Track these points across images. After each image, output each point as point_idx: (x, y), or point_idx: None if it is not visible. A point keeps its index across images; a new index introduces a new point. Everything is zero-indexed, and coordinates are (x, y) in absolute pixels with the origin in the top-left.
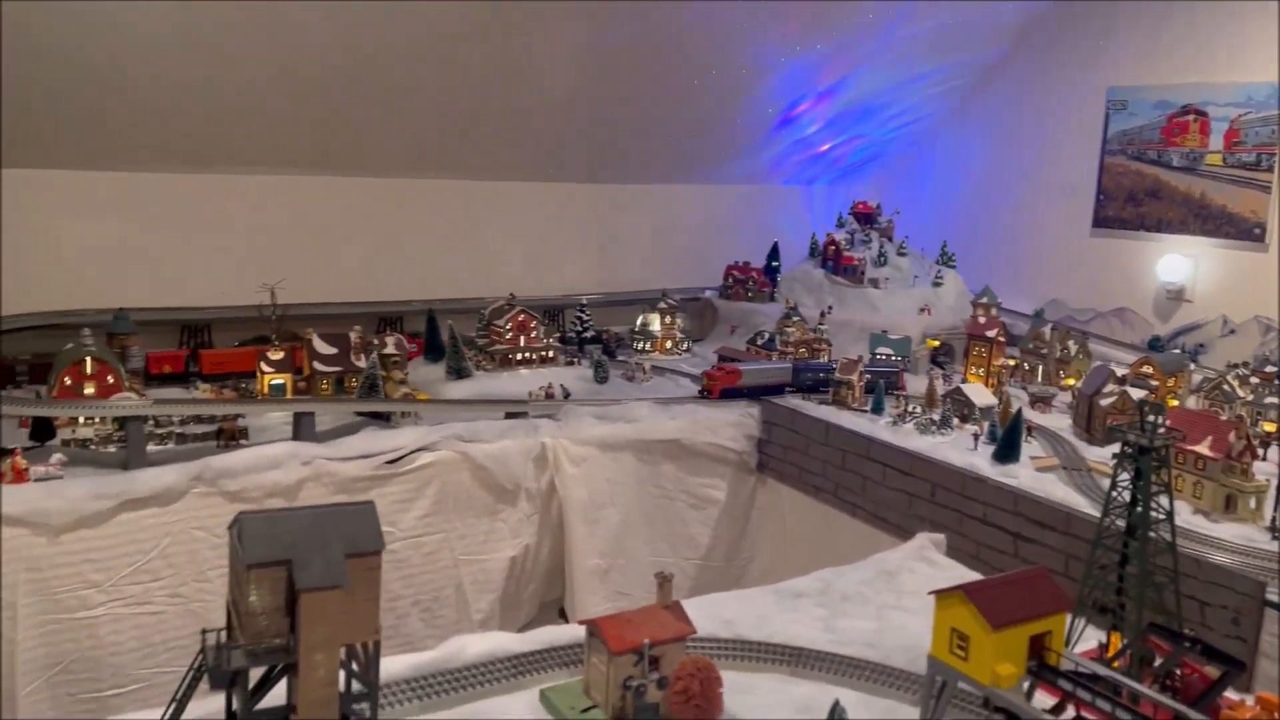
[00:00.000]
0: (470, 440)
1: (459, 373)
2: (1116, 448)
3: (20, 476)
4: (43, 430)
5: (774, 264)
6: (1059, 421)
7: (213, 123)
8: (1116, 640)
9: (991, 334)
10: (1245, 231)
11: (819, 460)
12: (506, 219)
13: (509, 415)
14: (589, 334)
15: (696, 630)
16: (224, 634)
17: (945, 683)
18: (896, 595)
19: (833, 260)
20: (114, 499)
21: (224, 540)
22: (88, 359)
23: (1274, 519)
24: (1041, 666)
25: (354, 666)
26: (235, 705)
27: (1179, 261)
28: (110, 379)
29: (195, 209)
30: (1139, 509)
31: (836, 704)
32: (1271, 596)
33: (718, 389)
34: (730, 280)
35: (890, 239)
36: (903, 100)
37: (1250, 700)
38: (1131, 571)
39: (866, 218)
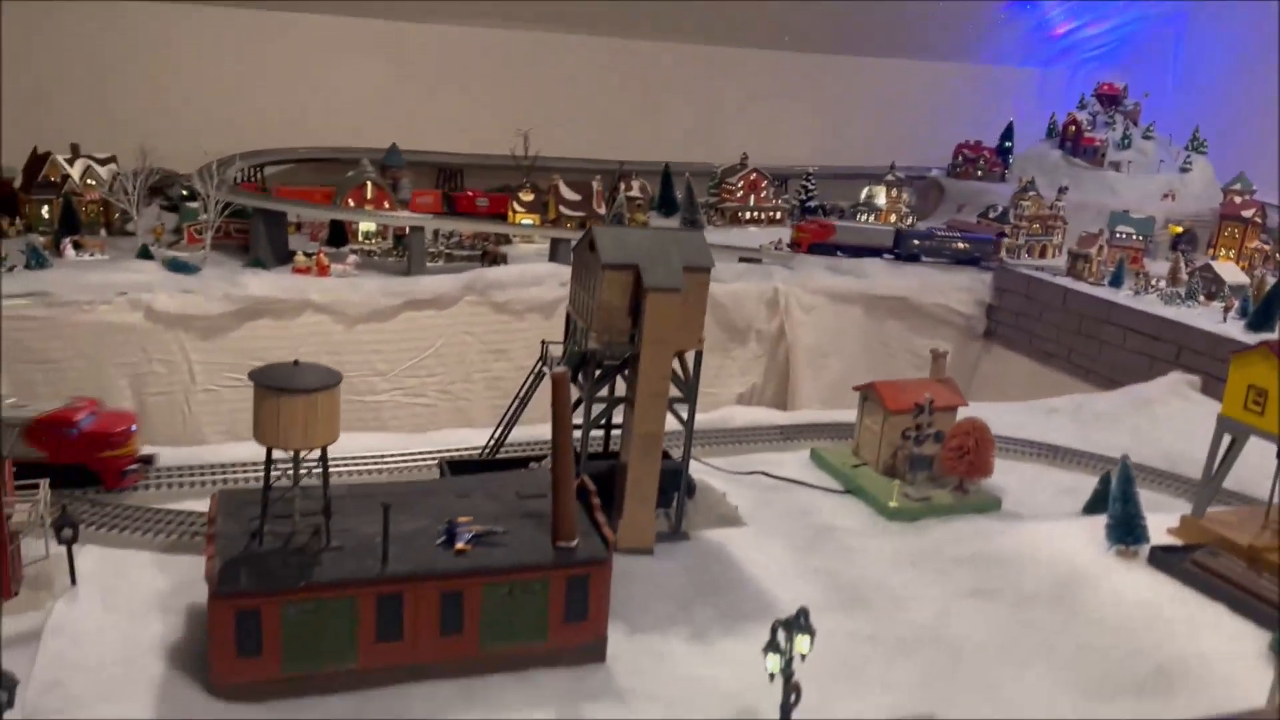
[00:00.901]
0: (711, 278)
1: (693, 224)
2: None
3: (324, 271)
4: (337, 238)
5: (1007, 144)
6: None
7: None
8: None
9: (1248, 214)
10: None
11: (1053, 326)
12: (742, 86)
13: (743, 260)
14: (813, 203)
15: (968, 403)
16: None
17: (1235, 440)
18: (1151, 420)
19: (1072, 141)
20: (400, 297)
21: (488, 345)
22: (368, 183)
23: None
24: None
25: (679, 373)
26: (581, 392)
27: None
28: (387, 204)
29: (455, 60)
30: None
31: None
32: None
33: (806, 243)
34: (960, 159)
35: (1136, 122)
36: None
37: None
38: None
39: (1111, 99)
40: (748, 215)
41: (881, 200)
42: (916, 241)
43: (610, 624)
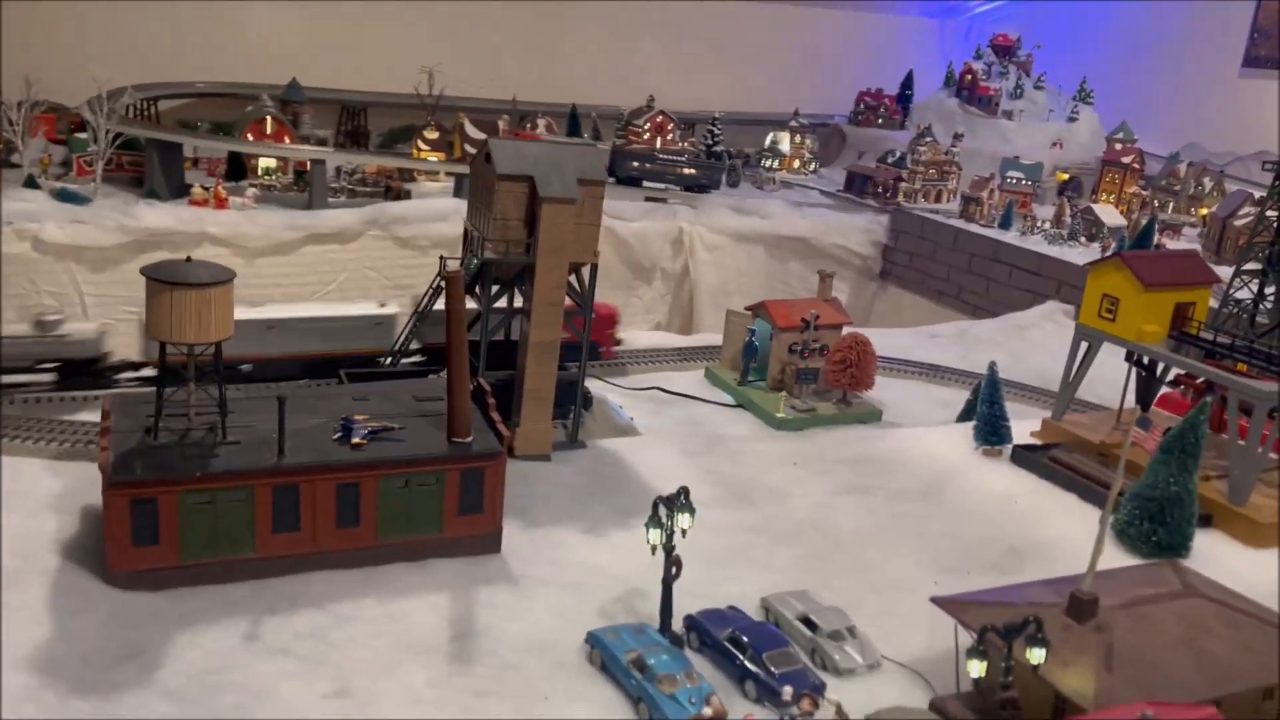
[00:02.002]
0: (615, 217)
1: None
2: None
3: (222, 204)
4: (235, 173)
5: (907, 92)
6: (1189, 248)
7: None
8: None
9: (1127, 160)
10: None
11: (945, 265)
12: (651, 30)
13: (648, 199)
14: (719, 148)
15: (853, 321)
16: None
17: (1090, 346)
18: (1026, 343)
19: (968, 90)
20: (301, 231)
21: (392, 281)
22: (268, 118)
23: None
24: (1183, 334)
25: (575, 286)
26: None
27: None
28: (287, 139)
29: None
30: None
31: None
32: None
33: None
34: (862, 106)
35: (1028, 73)
36: None
37: None
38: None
39: (1005, 50)
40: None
41: (786, 146)
42: (635, 164)
43: (507, 520)
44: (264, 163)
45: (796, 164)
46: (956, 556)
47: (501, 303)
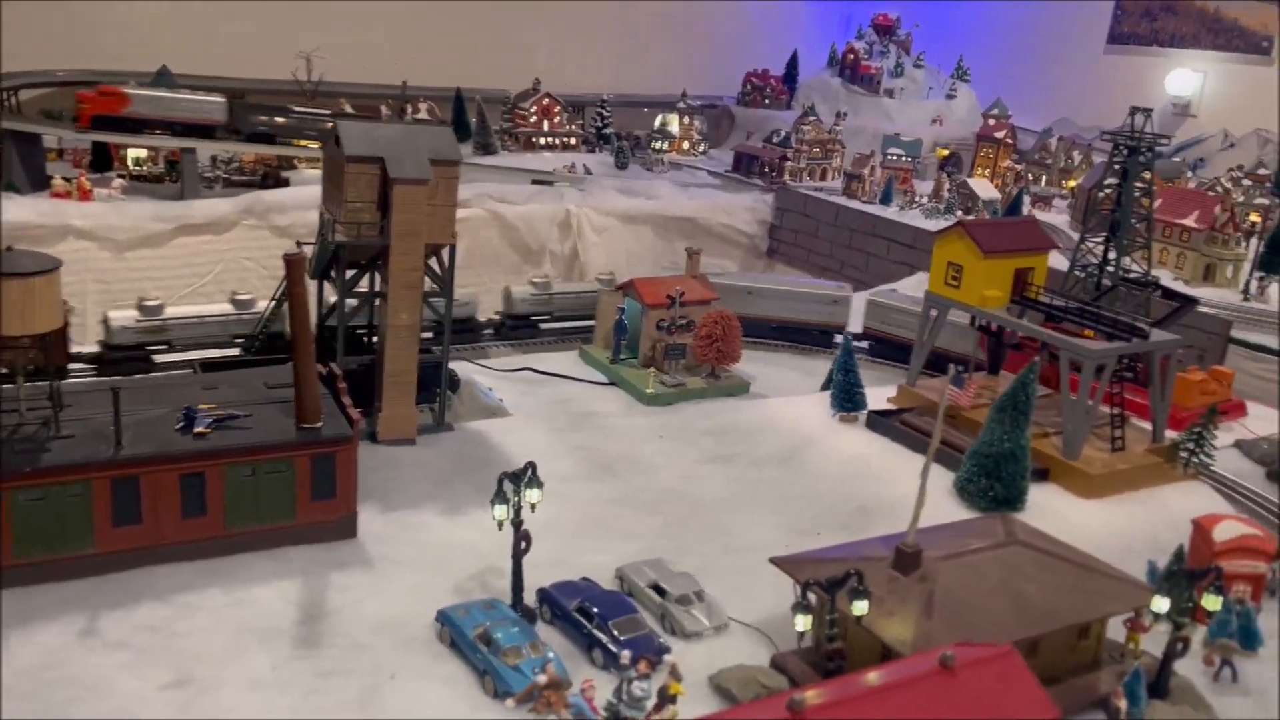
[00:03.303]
0: (500, 200)
1: (485, 148)
2: None
3: (86, 195)
4: (101, 164)
5: (793, 72)
6: (1057, 219)
7: None
8: None
9: (1000, 135)
10: (1254, 45)
11: (826, 241)
12: (537, 13)
13: (535, 182)
14: (609, 130)
15: (719, 296)
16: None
17: (938, 312)
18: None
19: (850, 69)
20: (172, 222)
21: (270, 272)
22: None
23: (1247, 283)
24: (1023, 299)
25: (436, 269)
26: (334, 290)
27: (1187, 76)
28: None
29: None
30: (1121, 207)
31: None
32: (1235, 334)
33: (87, 115)
34: (749, 87)
35: (908, 51)
36: None
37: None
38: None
39: (885, 30)
40: (542, 141)
41: (675, 128)
42: (263, 117)
43: (366, 504)
44: (133, 153)
45: (685, 145)
46: (810, 518)
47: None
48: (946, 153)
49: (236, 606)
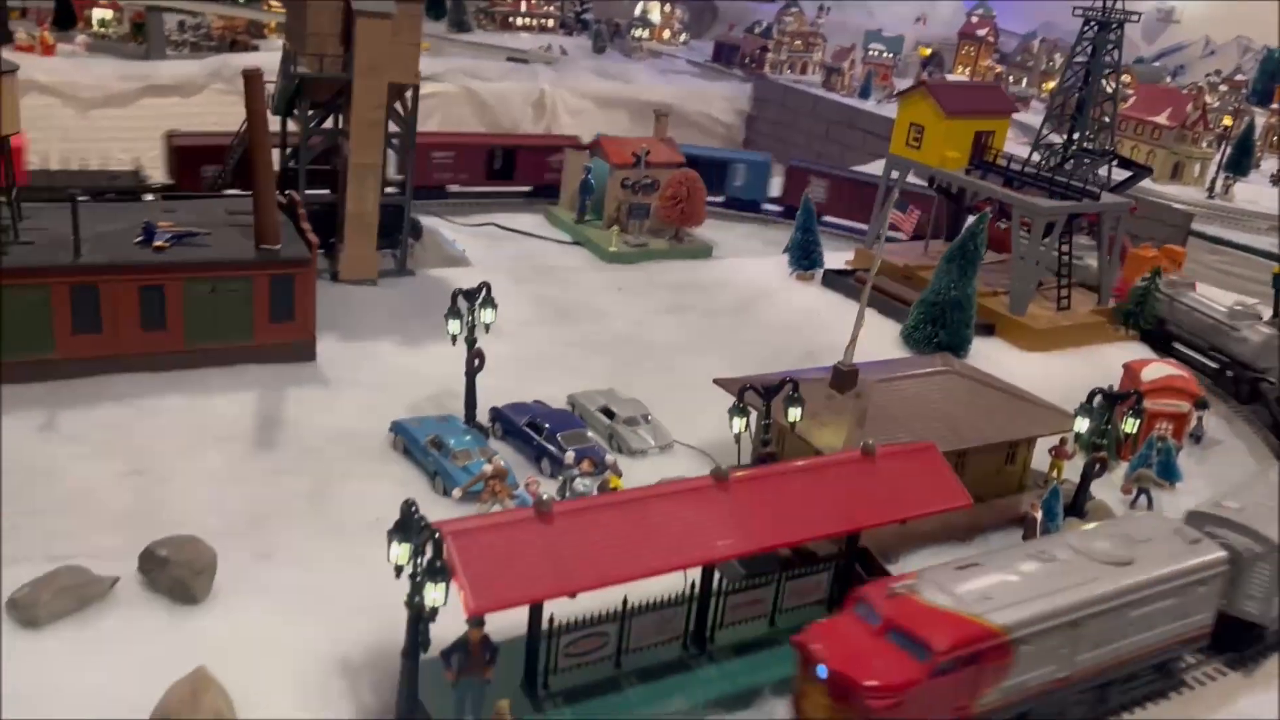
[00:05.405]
0: (474, 77)
1: (460, 26)
2: None
3: (49, 50)
4: (65, 22)
5: None
6: (1033, 120)
7: None
8: None
9: (982, 33)
10: None
11: (804, 133)
12: None
13: (511, 59)
14: (588, 14)
15: (685, 160)
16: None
17: (899, 176)
18: None
19: None
20: (139, 81)
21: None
22: None
23: (1212, 181)
24: (983, 163)
25: (399, 111)
26: (293, 128)
27: None
28: None
29: None
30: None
31: None
32: (1195, 227)
33: None
34: None
35: None
36: None
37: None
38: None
39: None
40: (519, 21)
41: (656, 16)
42: None
43: (325, 335)
44: (98, 13)
45: (666, 34)
46: (757, 361)
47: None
48: (929, 52)
49: (194, 413)
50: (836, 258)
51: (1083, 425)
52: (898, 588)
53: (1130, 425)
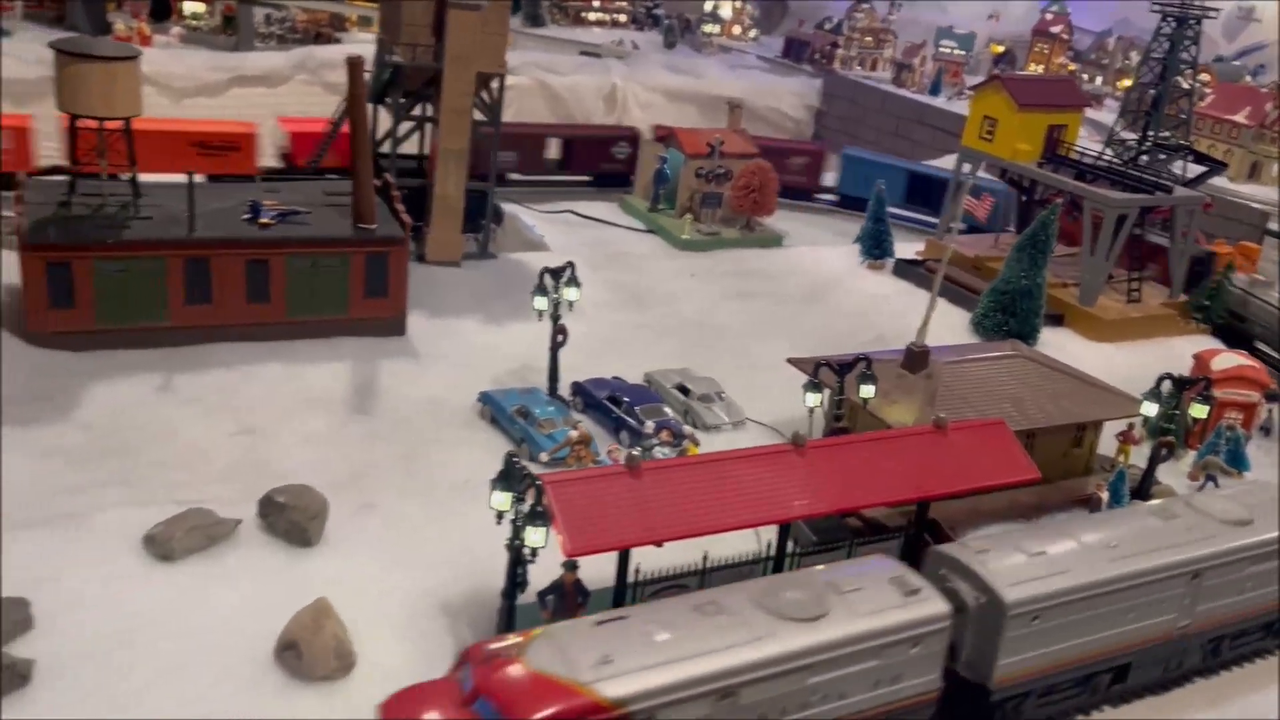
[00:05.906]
0: (548, 70)
1: (535, 20)
2: None
3: (145, 41)
4: (160, 14)
5: None
6: (1106, 118)
7: None
8: None
9: (1056, 30)
10: None
11: (873, 129)
12: None
13: (583, 53)
14: (659, 10)
15: (758, 151)
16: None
17: (973, 168)
18: None
19: None
20: (228, 72)
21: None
22: None
23: None
24: (1055, 156)
25: (485, 99)
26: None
27: None
28: None
29: None
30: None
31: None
32: (1272, 226)
33: None
34: None
35: None
36: None
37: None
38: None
39: None
40: (591, 16)
41: (727, 12)
42: None
43: (413, 313)
44: (190, 6)
45: (737, 30)
46: (826, 345)
47: None
48: (1001, 49)
49: (293, 380)
50: (907, 249)
51: (1150, 410)
52: (499, 648)
53: (1199, 411)
